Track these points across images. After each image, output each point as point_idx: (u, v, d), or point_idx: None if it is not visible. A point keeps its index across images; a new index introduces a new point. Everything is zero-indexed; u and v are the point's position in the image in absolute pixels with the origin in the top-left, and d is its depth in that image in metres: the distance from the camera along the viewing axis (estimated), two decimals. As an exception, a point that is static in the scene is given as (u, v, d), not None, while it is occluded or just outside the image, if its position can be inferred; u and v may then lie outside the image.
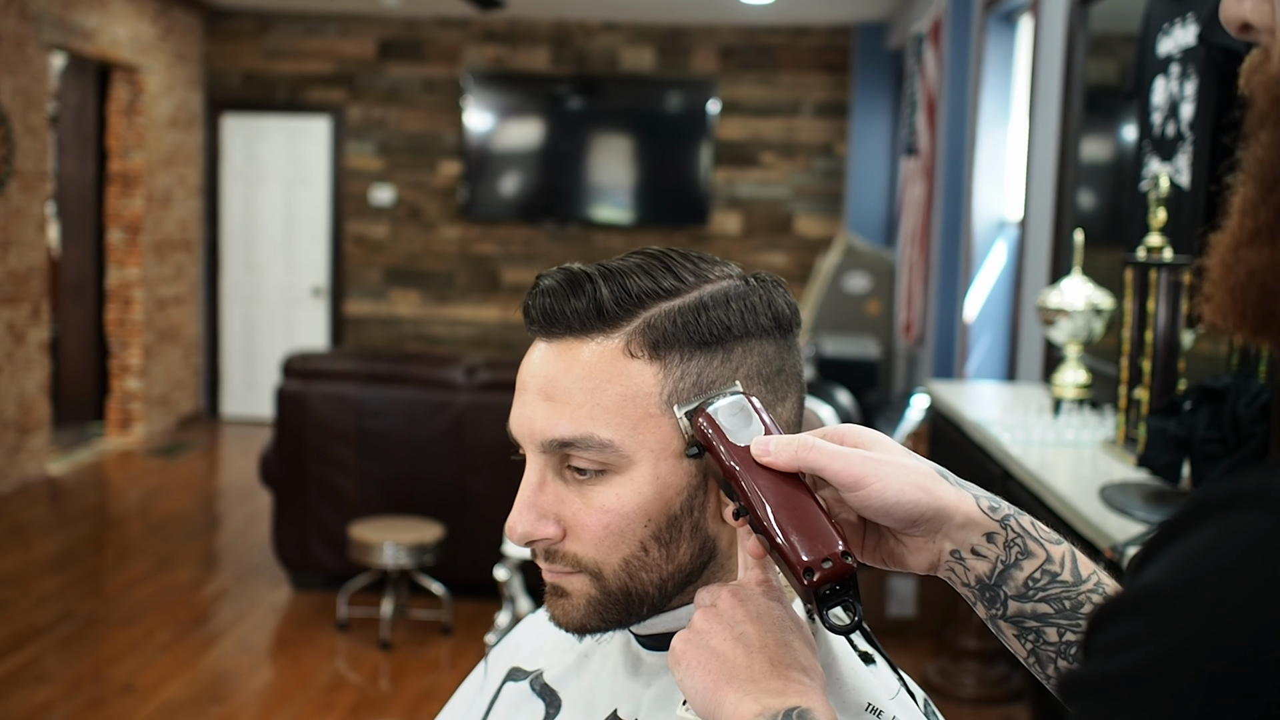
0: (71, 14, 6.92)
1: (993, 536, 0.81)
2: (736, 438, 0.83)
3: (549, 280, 0.88)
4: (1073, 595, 0.80)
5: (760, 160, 8.73)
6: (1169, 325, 2.45)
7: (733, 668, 0.77)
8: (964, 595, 0.84)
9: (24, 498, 6.47)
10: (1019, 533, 0.82)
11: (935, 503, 0.80)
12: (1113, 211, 3.79)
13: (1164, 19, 2.81)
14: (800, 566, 0.78)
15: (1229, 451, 2.05)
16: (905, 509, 0.80)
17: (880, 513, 0.80)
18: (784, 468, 0.81)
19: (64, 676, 4.18)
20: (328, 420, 4.93)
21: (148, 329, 8.00)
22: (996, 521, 0.82)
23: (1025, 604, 0.81)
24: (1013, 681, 4.06)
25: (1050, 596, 0.81)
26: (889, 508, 0.80)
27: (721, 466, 0.82)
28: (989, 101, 5.40)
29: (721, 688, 0.77)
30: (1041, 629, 0.81)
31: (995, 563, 0.81)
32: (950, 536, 0.81)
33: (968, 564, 0.82)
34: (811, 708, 0.74)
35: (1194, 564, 0.54)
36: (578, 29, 8.70)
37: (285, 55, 8.82)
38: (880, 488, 0.79)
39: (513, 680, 1.04)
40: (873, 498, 0.79)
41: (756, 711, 0.74)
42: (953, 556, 0.82)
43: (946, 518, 0.81)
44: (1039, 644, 0.81)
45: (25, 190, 6.59)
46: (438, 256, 8.91)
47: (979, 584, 0.82)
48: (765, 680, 0.76)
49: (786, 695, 0.75)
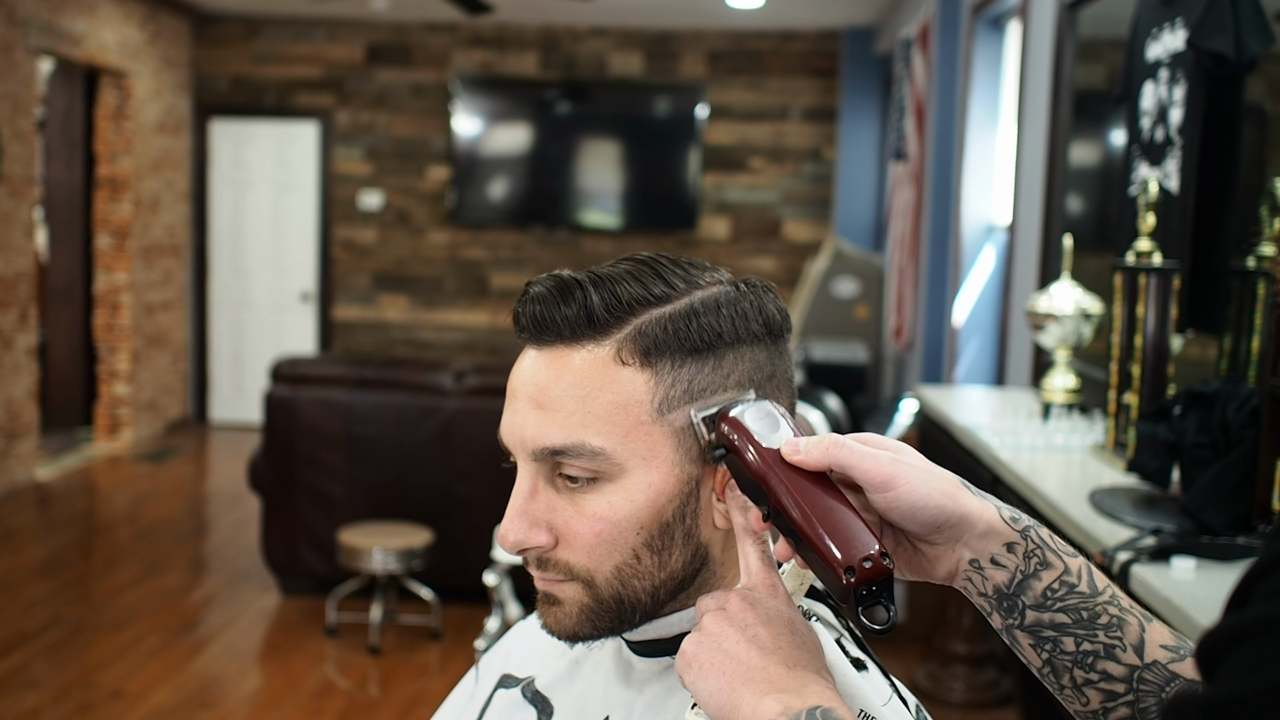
0: (59, 19, 6.90)
1: (1013, 547, 0.82)
2: (766, 441, 0.83)
3: (539, 287, 0.88)
4: (1090, 606, 0.81)
5: (749, 165, 8.73)
6: (1158, 330, 2.46)
7: (748, 669, 0.77)
8: (979, 605, 0.84)
9: (12, 503, 6.44)
10: (1039, 544, 0.82)
11: (960, 509, 0.81)
12: (1101, 216, 3.80)
13: (1153, 24, 2.81)
14: (840, 566, 0.78)
15: (1218, 456, 2.05)
16: (931, 513, 0.80)
17: (907, 515, 0.81)
18: (815, 466, 0.81)
19: (52, 682, 4.16)
20: (316, 425, 4.92)
21: (136, 334, 7.97)
22: (1017, 532, 0.82)
23: (1043, 614, 0.82)
24: (1002, 686, 4.06)
25: (1068, 607, 0.81)
26: (916, 510, 0.80)
27: (750, 469, 0.82)
28: (977, 106, 5.41)
29: (738, 689, 0.77)
30: (1059, 638, 0.82)
31: (1015, 572, 0.82)
32: (970, 545, 0.82)
33: (986, 573, 0.82)
34: (833, 706, 0.74)
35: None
36: (566, 34, 8.70)
37: (273, 60, 8.81)
38: (909, 490, 0.80)
39: (504, 687, 1.04)
40: (901, 499, 0.80)
41: (779, 711, 0.74)
42: (971, 566, 0.83)
43: (969, 526, 0.81)
44: (1056, 653, 0.82)
45: (13, 195, 6.57)
46: (426, 261, 8.90)
47: (997, 594, 0.83)
48: (783, 681, 0.76)
49: (806, 695, 0.75)
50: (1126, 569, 1.91)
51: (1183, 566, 1.87)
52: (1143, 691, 0.80)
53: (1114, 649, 0.81)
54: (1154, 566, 1.90)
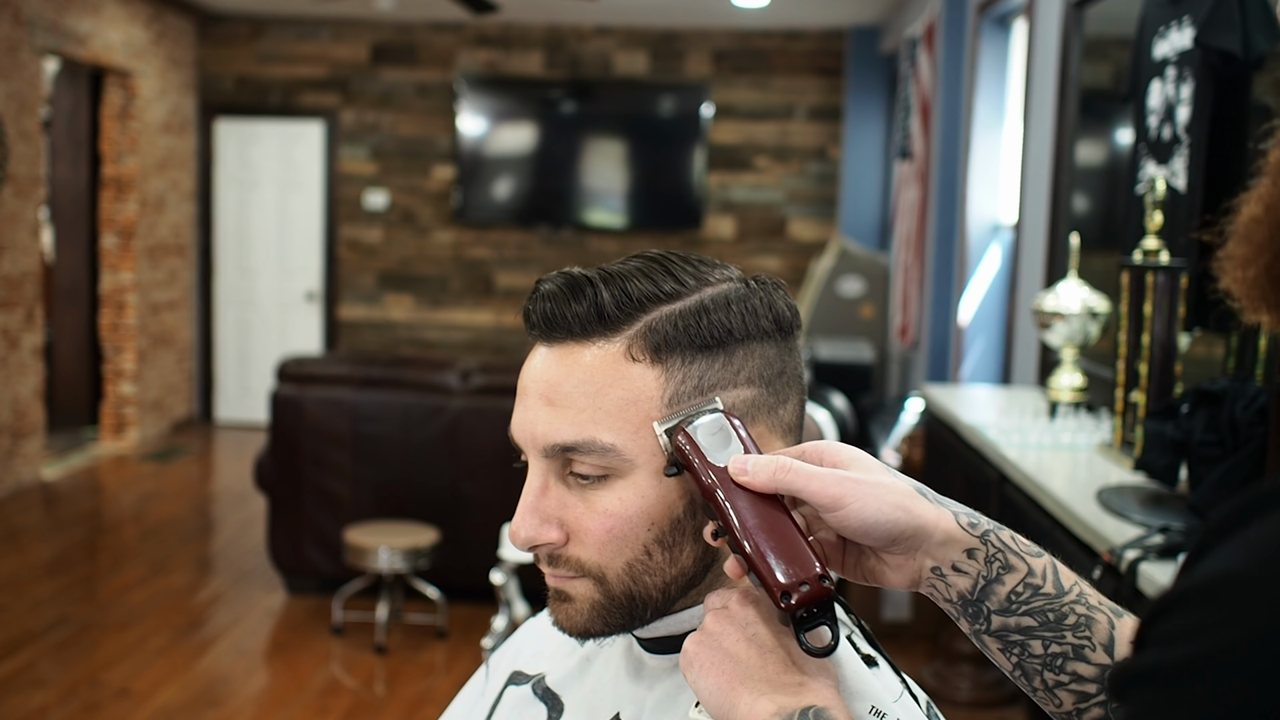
0: (65, 19, 6.91)
1: (973, 552, 0.81)
2: (714, 457, 0.82)
3: (549, 285, 0.88)
4: (1055, 607, 0.81)
5: (754, 164, 8.73)
6: (1165, 328, 2.45)
7: (746, 668, 0.78)
8: (946, 611, 0.84)
9: (18, 503, 6.45)
10: (999, 548, 0.81)
11: (914, 521, 0.80)
12: (1108, 215, 3.79)
13: (1159, 22, 2.81)
14: (777, 590, 0.77)
15: (1226, 454, 2.05)
16: (884, 528, 0.80)
17: (859, 533, 0.80)
18: (760, 489, 0.81)
19: (59, 681, 4.17)
20: (322, 425, 4.92)
21: (141, 334, 7.98)
22: (976, 538, 0.82)
23: (1009, 618, 0.81)
24: (1008, 685, 4.05)
25: (1034, 609, 0.81)
26: (867, 528, 0.80)
27: (700, 486, 0.82)
28: (983, 105, 5.41)
29: (736, 688, 0.77)
30: (1026, 642, 0.81)
31: (977, 578, 0.81)
32: (930, 554, 0.81)
33: (949, 580, 0.82)
34: (828, 706, 0.75)
35: (1264, 551, 0.53)
36: (571, 33, 8.70)
37: (278, 59, 8.82)
38: (858, 508, 0.79)
39: (514, 684, 1.04)
40: (850, 518, 0.79)
41: (773, 711, 0.74)
42: (934, 573, 0.82)
43: (926, 535, 0.81)
44: (1024, 657, 0.81)
45: (19, 195, 6.58)
46: (431, 261, 8.90)
47: (961, 600, 0.82)
48: (780, 680, 0.77)
49: (802, 695, 0.75)
50: (1134, 567, 1.91)
51: (1191, 565, 1.87)
52: None
53: (1083, 649, 0.80)
54: (1162, 564, 1.90)
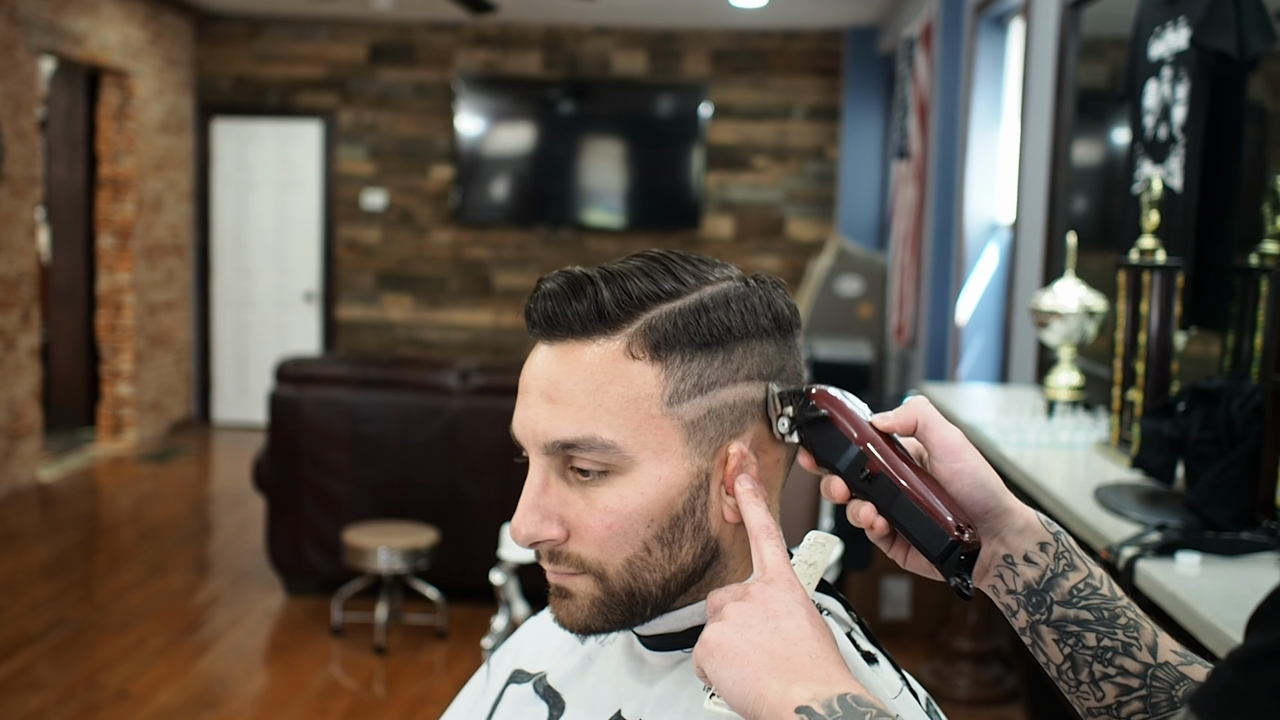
0: (61, 18, 6.91)
1: (1045, 546, 0.87)
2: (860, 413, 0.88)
3: (550, 283, 0.89)
4: (1110, 607, 0.87)
5: (752, 164, 8.74)
6: (1162, 327, 2.46)
7: (773, 658, 0.78)
8: (1004, 604, 0.89)
9: (15, 504, 6.45)
10: (1068, 548, 0.88)
11: (1005, 500, 0.86)
12: (1104, 214, 3.80)
13: (1155, 22, 2.82)
14: (953, 526, 0.82)
15: (1223, 453, 2.05)
16: (986, 494, 0.85)
17: (968, 487, 0.85)
18: (905, 425, 0.86)
19: (57, 683, 4.17)
20: (321, 425, 4.92)
21: (139, 334, 7.98)
22: (1051, 534, 0.88)
23: (1069, 610, 0.87)
24: (1006, 683, 4.06)
25: (1091, 605, 0.87)
26: (977, 485, 0.85)
27: (856, 437, 0.85)
28: (980, 105, 5.41)
29: (764, 677, 0.78)
30: (1082, 634, 0.86)
31: (1045, 570, 0.87)
32: (1006, 540, 0.87)
33: (1018, 570, 0.87)
34: (862, 693, 0.76)
35: None
36: (569, 33, 8.70)
37: (276, 59, 8.82)
38: (976, 464, 0.85)
39: (516, 683, 1.04)
40: (967, 471, 0.85)
41: (809, 697, 0.75)
42: (1004, 562, 0.88)
43: (1010, 520, 0.87)
44: (1078, 648, 0.87)
45: (15, 195, 6.58)
46: (430, 261, 8.91)
47: (1026, 589, 0.87)
48: (809, 669, 0.77)
49: (833, 683, 0.76)
50: (1132, 565, 1.91)
51: (1188, 562, 1.88)
52: (1155, 688, 0.85)
53: (1131, 647, 0.86)
54: (1159, 562, 1.90)
